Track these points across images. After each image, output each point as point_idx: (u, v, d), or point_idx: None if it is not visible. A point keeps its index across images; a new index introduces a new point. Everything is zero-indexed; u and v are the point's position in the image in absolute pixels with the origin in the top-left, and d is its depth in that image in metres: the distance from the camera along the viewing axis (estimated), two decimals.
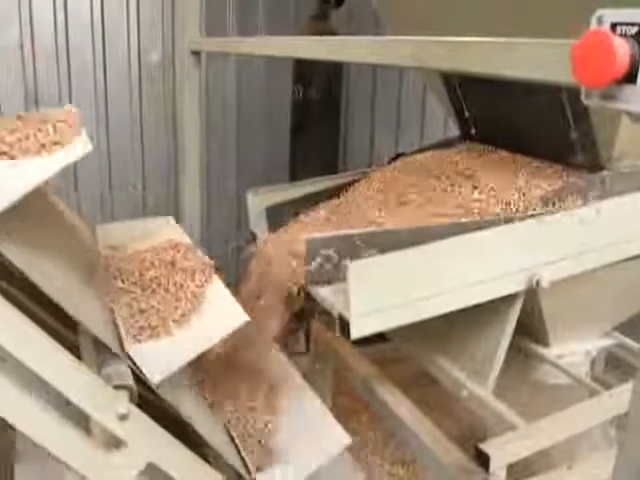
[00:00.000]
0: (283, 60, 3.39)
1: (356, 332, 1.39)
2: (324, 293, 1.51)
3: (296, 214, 1.88)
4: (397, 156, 2.23)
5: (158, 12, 3.35)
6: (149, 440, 1.13)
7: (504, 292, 1.55)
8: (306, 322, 2.42)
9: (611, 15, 0.57)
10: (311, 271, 1.51)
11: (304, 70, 3.23)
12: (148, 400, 1.25)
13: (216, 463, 1.36)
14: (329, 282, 1.51)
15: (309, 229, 1.69)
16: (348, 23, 3.43)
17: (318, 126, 3.30)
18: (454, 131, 2.32)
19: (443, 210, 1.62)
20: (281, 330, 1.58)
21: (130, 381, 1.14)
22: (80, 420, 1.11)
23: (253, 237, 1.93)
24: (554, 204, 1.62)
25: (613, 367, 2.37)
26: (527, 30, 0.78)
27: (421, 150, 2.23)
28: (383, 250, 1.42)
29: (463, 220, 1.54)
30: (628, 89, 0.56)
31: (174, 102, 3.34)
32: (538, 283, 1.56)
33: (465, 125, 2.18)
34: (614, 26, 0.57)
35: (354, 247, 1.47)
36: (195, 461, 1.23)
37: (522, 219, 1.52)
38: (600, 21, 0.58)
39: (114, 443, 1.12)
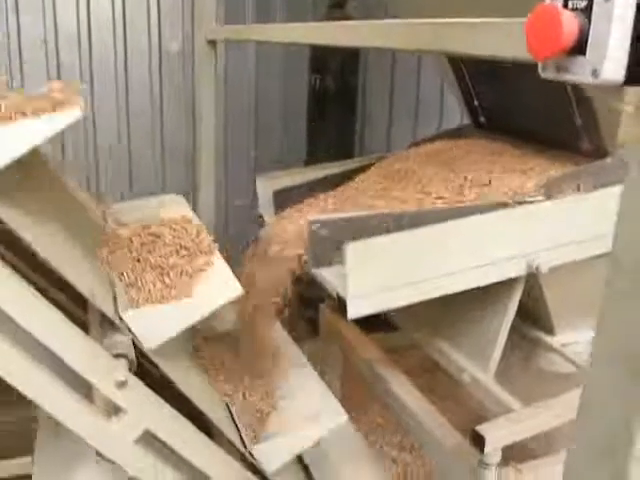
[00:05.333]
0: (300, 49, 3.42)
1: (353, 312, 1.42)
2: (324, 274, 1.54)
3: (304, 198, 1.91)
4: (412, 145, 2.25)
5: (178, 2, 3.41)
6: (147, 408, 1.18)
7: (503, 277, 1.56)
8: (314, 307, 2.46)
9: None
10: (312, 253, 1.55)
11: (321, 59, 3.26)
12: (156, 378, 1.30)
13: (219, 440, 1.40)
14: (330, 264, 1.54)
15: (313, 212, 1.72)
16: (364, 12, 3.43)
17: (335, 115, 3.33)
18: None
19: (444, 195, 1.63)
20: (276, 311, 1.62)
21: (130, 351, 1.19)
22: (83, 389, 1.17)
23: (262, 220, 1.97)
24: (558, 190, 1.63)
25: None
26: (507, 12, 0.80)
27: (432, 139, 2.25)
28: (382, 233, 1.45)
29: (461, 205, 1.56)
30: (578, 60, 0.58)
31: (193, 92, 3.39)
32: (538, 268, 1.57)
33: (474, 113, 2.19)
34: (566, 1, 0.59)
35: (355, 230, 1.50)
36: (193, 432, 1.27)
37: (522, 204, 1.54)
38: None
39: (114, 410, 1.17)
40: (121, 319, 1.19)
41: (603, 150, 1.70)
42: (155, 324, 1.18)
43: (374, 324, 2.18)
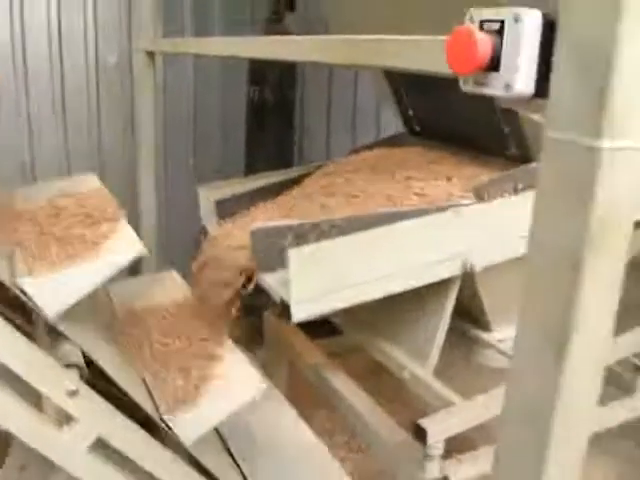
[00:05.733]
0: (239, 62, 3.46)
1: (296, 315, 1.48)
2: (268, 280, 1.59)
3: (246, 207, 1.96)
4: (351, 152, 2.33)
5: (116, 14, 3.39)
6: (99, 416, 1.19)
7: (438, 277, 1.65)
8: (258, 315, 2.49)
9: (479, 14, 0.67)
10: (256, 259, 1.60)
11: (259, 72, 3.31)
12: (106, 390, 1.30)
13: (170, 444, 1.42)
14: (273, 270, 1.59)
15: (256, 221, 1.76)
16: (304, 27, 3.50)
17: (273, 127, 3.38)
18: None
19: (381, 202, 1.71)
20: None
21: (80, 360, 1.20)
22: (32, 398, 1.18)
23: (204, 230, 2.00)
24: (487, 194, 1.73)
25: None
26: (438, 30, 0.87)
27: (370, 146, 2.33)
28: (322, 238, 1.51)
29: (397, 209, 1.64)
30: (493, 76, 0.66)
31: (132, 104, 3.38)
32: (472, 268, 1.67)
33: (409, 122, 2.28)
34: (482, 23, 0.67)
35: (296, 236, 1.56)
36: (146, 438, 1.29)
37: (454, 208, 1.63)
38: (472, 19, 0.68)
39: (65, 420, 1.18)
40: (20, 289, 1.18)
41: (529, 156, 1.81)
42: (56, 291, 1.17)
43: (319, 329, 2.23)
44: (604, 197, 0.61)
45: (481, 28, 0.67)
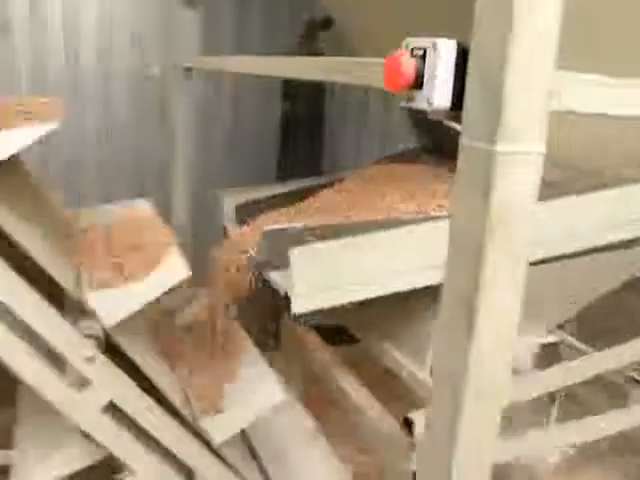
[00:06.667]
0: (273, 78, 3.66)
1: (297, 308, 1.62)
2: (275, 277, 1.75)
3: (262, 212, 2.12)
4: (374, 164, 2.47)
5: (159, 31, 3.65)
6: (112, 382, 1.37)
7: (432, 282, 1.77)
8: (276, 320, 2.64)
9: (412, 42, 0.82)
10: (266, 258, 1.76)
11: (291, 87, 3.50)
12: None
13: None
14: (279, 268, 1.75)
15: (270, 224, 1.92)
16: (340, 45, 3.67)
17: (303, 138, 3.57)
18: None
19: (382, 213, 1.85)
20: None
21: (99, 333, 1.39)
22: (58, 365, 1.36)
23: (225, 232, 2.18)
24: None
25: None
26: None
27: (389, 158, 2.47)
28: (321, 240, 1.66)
29: (393, 217, 1.77)
30: (418, 93, 0.80)
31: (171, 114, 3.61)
32: None
33: (420, 138, 2.43)
34: (412, 50, 0.81)
35: (301, 238, 1.71)
36: (152, 406, 1.46)
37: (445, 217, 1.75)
38: (407, 46, 0.83)
39: (83, 383, 1.36)
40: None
41: None
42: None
43: (336, 337, 2.36)
44: (500, 192, 0.75)
45: (412, 54, 0.81)
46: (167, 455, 1.53)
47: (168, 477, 1.52)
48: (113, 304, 1.36)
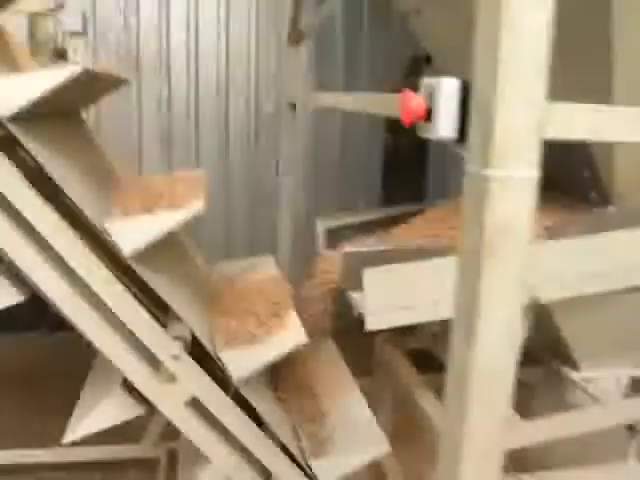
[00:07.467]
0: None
1: (370, 325, 1.74)
2: (354, 296, 1.88)
3: (352, 236, 2.27)
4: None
5: (274, 68, 3.96)
6: (195, 380, 1.56)
7: None
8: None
9: (426, 81, 0.94)
10: (345, 278, 1.90)
11: (393, 120, 3.63)
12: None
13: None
14: (357, 288, 1.87)
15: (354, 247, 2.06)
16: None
17: (405, 169, 3.69)
18: None
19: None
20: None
21: (186, 335, 1.59)
22: (154, 363, 1.58)
23: (319, 254, 2.34)
24: (560, 232, 1.86)
25: None
26: None
27: None
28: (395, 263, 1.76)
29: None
30: (429, 125, 0.92)
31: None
32: (537, 300, 1.81)
33: None
34: (425, 87, 0.93)
35: (377, 260, 1.83)
36: (230, 404, 1.63)
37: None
38: (423, 85, 0.94)
39: (172, 379, 1.56)
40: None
41: (609, 200, 1.93)
42: (240, 362, 1.59)
43: (428, 364, 2.42)
44: (494, 214, 0.85)
45: (425, 91, 0.93)
46: (250, 457, 1.69)
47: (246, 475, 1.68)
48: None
